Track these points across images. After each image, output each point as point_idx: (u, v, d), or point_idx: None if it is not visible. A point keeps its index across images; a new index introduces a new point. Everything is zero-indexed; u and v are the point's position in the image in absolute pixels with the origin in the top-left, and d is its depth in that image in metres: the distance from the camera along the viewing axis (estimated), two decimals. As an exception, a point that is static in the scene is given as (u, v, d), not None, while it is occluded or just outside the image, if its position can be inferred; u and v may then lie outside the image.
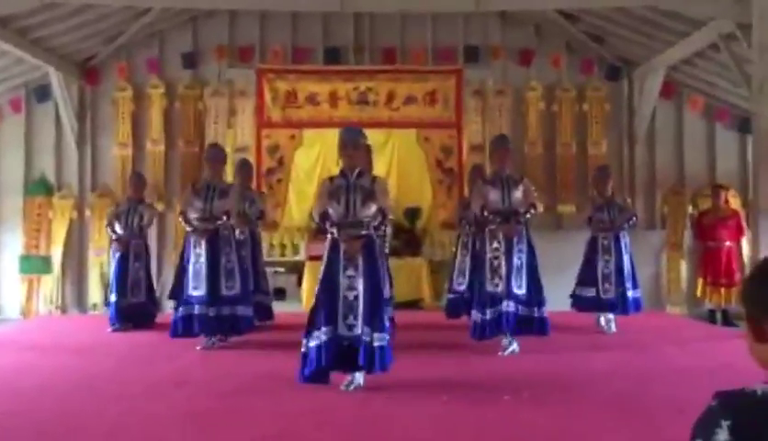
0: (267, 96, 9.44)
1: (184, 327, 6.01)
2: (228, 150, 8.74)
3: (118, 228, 7.40)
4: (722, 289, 8.63)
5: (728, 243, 8.73)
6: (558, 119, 9.61)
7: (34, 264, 9.25)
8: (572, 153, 9.58)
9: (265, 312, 7.29)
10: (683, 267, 9.50)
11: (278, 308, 8.44)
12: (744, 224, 8.74)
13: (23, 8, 7.34)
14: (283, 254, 9.75)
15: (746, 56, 7.20)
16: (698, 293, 8.91)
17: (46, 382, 4.85)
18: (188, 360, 5.59)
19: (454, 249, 7.98)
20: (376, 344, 4.34)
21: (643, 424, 3.74)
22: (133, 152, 9.43)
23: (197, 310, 5.94)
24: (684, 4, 7.37)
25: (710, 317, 8.74)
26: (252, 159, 9.03)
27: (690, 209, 9.61)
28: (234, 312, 6.04)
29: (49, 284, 9.30)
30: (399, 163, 9.87)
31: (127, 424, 3.75)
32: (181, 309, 6.06)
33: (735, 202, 9.23)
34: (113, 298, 7.24)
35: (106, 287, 7.92)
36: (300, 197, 9.82)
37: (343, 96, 9.44)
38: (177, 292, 6.25)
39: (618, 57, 9.67)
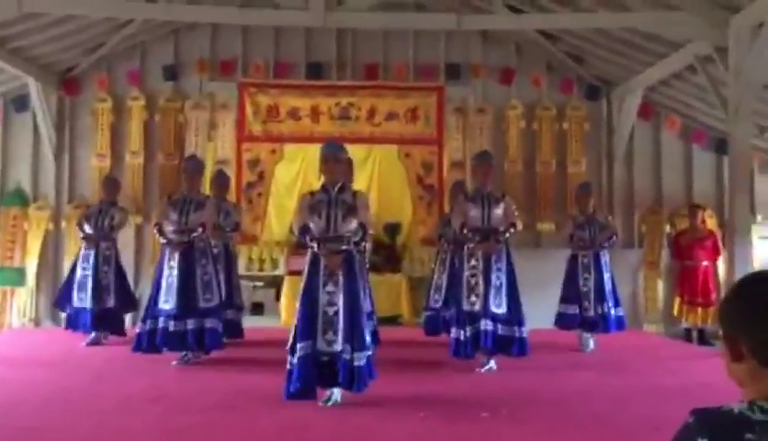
0: (249, 110, 9.43)
1: (148, 342, 5.84)
2: (208, 163, 8.73)
3: (87, 228, 7.19)
4: (699, 309, 8.70)
5: (704, 263, 8.82)
6: (538, 138, 9.68)
7: (8, 276, 9.10)
8: (552, 172, 9.65)
9: (235, 330, 7.03)
10: (660, 286, 9.58)
11: (256, 322, 8.39)
12: (720, 244, 8.85)
13: (2, 18, 7.26)
14: (262, 269, 9.72)
15: (722, 79, 7.32)
16: (675, 312, 8.98)
17: (17, 396, 4.76)
18: (163, 375, 5.51)
19: (433, 266, 7.98)
20: (356, 363, 4.29)
21: (620, 442, 3.75)
22: (112, 164, 9.32)
23: (161, 323, 5.79)
24: (663, 26, 7.49)
25: (686, 336, 8.81)
26: (232, 172, 9.01)
27: (667, 228, 9.71)
28: (202, 326, 5.84)
29: (22, 296, 9.15)
30: (379, 178, 9.90)
31: (100, 439, 3.68)
32: (148, 322, 5.90)
33: (711, 222, 9.34)
34: (84, 305, 6.99)
35: (64, 287, 7.44)
36: (280, 212, 9.80)
37: (324, 112, 9.46)
38: (147, 306, 6.14)
39: (598, 77, 9.79)
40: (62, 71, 9.35)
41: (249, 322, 7.76)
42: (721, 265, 8.92)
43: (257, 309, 9.43)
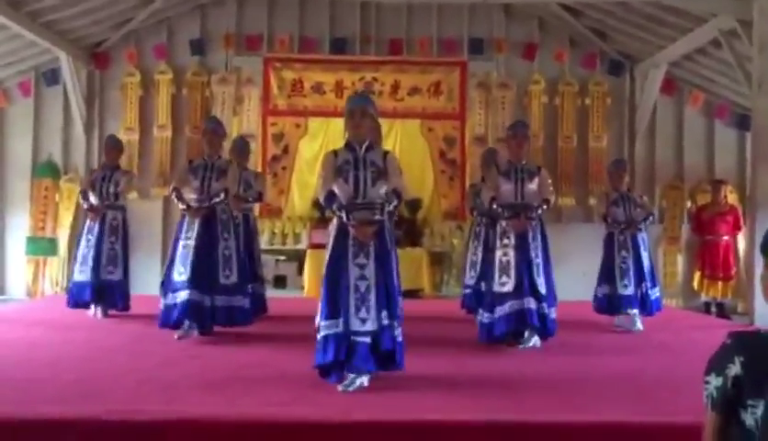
0: (274, 85, 9.60)
1: (174, 316, 5.41)
2: (234, 136, 8.88)
3: (92, 197, 6.71)
4: (719, 283, 8.81)
5: (725, 238, 8.91)
6: (560, 113, 9.77)
7: (40, 245, 9.36)
8: (573, 147, 9.75)
9: (259, 303, 6.63)
10: (680, 261, 9.67)
11: (280, 295, 8.56)
12: (741, 219, 8.92)
13: (37, -9, 7.43)
14: (284, 243, 9.86)
15: (746, 53, 7.34)
16: (695, 286, 9.08)
17: (61, 354, 4.95)
18: (198, 337, 5.64)
19: (454, 241, 8.00)
20: (399, 339, 3.98)
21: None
22: (140, 138, 9.56)
23: (186, 296, 5.35)
24: (686, 0, 7.50)
25: (705, 309, 8.91)
26: (257, 146, 9.18)
27: (688, 203, 9.77)
28: (230, 303, 5.52)
29: (54, 266, 9.41)
30: (401, 153, 9.90)
31: (146, 389, 3.86)
32: (170, 296, 5.46)
33: (732, 198, 9.40)
34: (81, 276, 6.58)
35: (70, 262, 7.06)
36: (302, 188, 9.95)
37: (348, 86, 9.58)
38: (165, 279, 5.64)
39: (621, 52, 9.83)
40: (92, 45, 9.56)
41: (273, 295, 7.88)
42: (741, 239, 8.99)
43: (280, 282, 9.62)
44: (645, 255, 6.56)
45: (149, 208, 9.31)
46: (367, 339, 3.87)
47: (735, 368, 1.51)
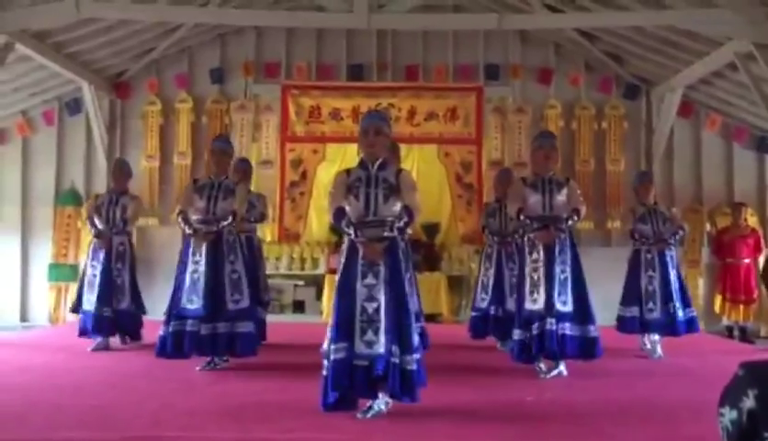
0: (292, 111, 9.73)
1: (173, 345, 5.17)
2: (252, 163, 8.97)
3: (98, 223, 6.50)
4: (741, 306, 8.71)
5: (746, 261, 8.82)
6: (576, 137, 9.78)
7: (62, 272, 9.49)
8: (591, 171, 9.75)
9: (259, 329, 6.07)
10: (701, 284, 9.57)
11: (298, 320, 8.58)
12: (762, 242, 8.84)
13: (62, 23, 7.62)
14: (303, 268, 9.90)
15: (763, 76, 7.33)
16: (717, 309, 8.98)
17: (82, 380, 5.02)
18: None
19: (475, 264, 8.01)
20: (407, 367, 3.75)
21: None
22: (161, 165, 9.71)
23: (189, 326, 5.15)
24: (702, 24, 7.50)
25: (728, 333, 8.81)
26: (276, 172, 9.25)
27: (707, 226, 9.70)
28: (234, 330, 5.23)
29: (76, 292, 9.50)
30: (419, 178, 9.98)
31: (165, 415, 3.89)
32: (171, 324, 5.19)
33: (752, 220, 9.33)
34: (90, 307, 6.36)
35: (78, 290, 6.77)
36: (321, 212, 9.99)
37: (365, 112, 9.63)
38: (170, 305, 5.33)
39: (637, 76, 9.84)
40: (114, 75, 9.75)
41: (291, 320, 7.89)
42: (762, 262, 8.90)
43: (299, 307, 9.66)
44: (673, 274, 6.18)
45: (168, 234, 9.40)
46: (365, 363, 3.72)
47: (749, 402, 1.49)
